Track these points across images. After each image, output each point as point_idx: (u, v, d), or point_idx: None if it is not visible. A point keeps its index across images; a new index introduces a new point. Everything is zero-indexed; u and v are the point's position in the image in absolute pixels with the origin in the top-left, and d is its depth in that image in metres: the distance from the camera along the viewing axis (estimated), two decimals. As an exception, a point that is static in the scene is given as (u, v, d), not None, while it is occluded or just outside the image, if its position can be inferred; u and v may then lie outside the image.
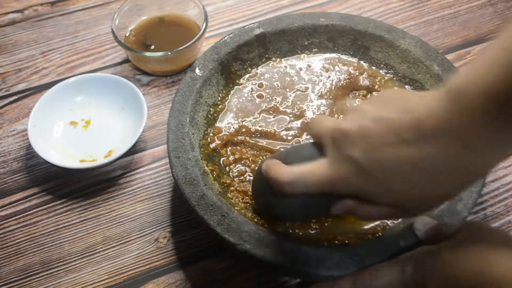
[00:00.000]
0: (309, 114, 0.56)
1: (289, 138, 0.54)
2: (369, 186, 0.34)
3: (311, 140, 0.41)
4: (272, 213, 0.45)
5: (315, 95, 0.58)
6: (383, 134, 0.33)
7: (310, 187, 0.37)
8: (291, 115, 0.56)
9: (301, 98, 0.58)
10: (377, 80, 0.59)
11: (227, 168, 0.52)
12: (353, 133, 0.34)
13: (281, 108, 0.57)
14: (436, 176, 0.32)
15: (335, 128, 0.36)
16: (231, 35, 0.59)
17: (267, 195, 0.42)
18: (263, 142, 0.54)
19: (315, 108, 0.57)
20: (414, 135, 0.31)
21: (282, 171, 0.38)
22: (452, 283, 0.34)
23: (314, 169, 0.37)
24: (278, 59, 0.61)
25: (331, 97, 0.58)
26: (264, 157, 0.52)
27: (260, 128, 0.55)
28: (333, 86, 0.59)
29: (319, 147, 0.39)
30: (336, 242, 0.46)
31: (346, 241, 0.46)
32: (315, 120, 0.41)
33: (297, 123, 0.55)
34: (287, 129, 0.55)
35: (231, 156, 0.53)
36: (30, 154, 0.61)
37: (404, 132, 0.32)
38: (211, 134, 0.54)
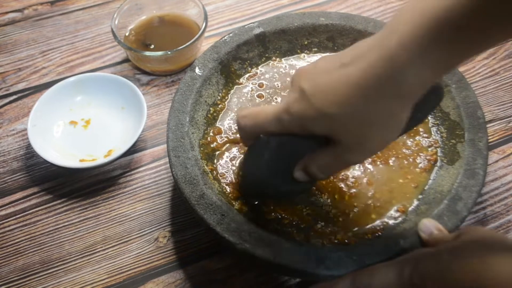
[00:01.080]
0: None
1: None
2: (312, 115, 0.36)
3: None
4: (245, 184, 0.48)
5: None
6: (328, 64, 0.36)
7: (261, 122, 0.40)
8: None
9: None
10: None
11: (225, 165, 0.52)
12: (305, 69, 0.38)
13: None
14: (367, 91, 0.34)
15: (296, 70, 0.39)
16: (230, 35, 0.59)
17: (245, 167, 0.45)
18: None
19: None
20: (350, 58, 0.35)
21: (244, 110, 0.43)
22: (450, 286, 0.34)
23: (268, 107, 0.41)
24: (278, 59, 0.61)
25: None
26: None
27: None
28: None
29: None
30: (336, 241, 0.46)
31: (346, 241, 0.46)
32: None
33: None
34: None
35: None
36: (29, 154, 0.61)
37: (344, 58, 0.35)
38: (211, 134, 0.54)
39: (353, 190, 0.50)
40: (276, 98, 0.58)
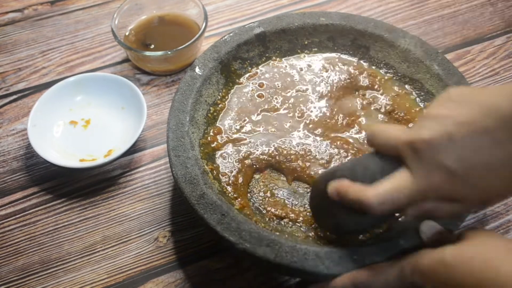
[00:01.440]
0: (309, 114, 0.56)
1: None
2: (462, 189, 0.35)
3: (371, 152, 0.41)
4: (344, 231, 0.44)
5: (316, 95, 0.58)
6: (473, 138, 0.33)
7: (399, 203, 0.36)
8: (291, 115, 0.56)
9: (302, 98, 0.58)
10: (377, 79, 0.59)
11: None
12: (439, 141, 0.34)
13: (281, 109, 0.57)
14: None
15: (415, 139, 0.36)
16: (231, 34, 0.59)
17: (338, 215, 0.41)
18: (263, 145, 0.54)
19: (315, 108, 0.57)
20: (506, 133, 0.32)
21: (365, 194, 0.37)
22: (453, 287, 0.34)
23: (400, 184, 0.36)
24: (278, 59, 0.61)
25: (331, 97, 0.58)
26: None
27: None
28: (334, 86, 0.59)
29: (386, 159, 0.39)
30: (335, 241, 0.46)
31: (346, 239, 0.46)
32: (378, 130, 0.40)
33: (297, 123, 0.55)
34: (288, 128, 0.55)
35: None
36: (29, 154, 0.61)
37: (494, 132, 0.32)
38: (211, 133, 0.54)
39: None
40: (276, 98, 0.58)
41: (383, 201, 0.36)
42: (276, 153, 0.52)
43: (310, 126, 0.55)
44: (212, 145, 0.53)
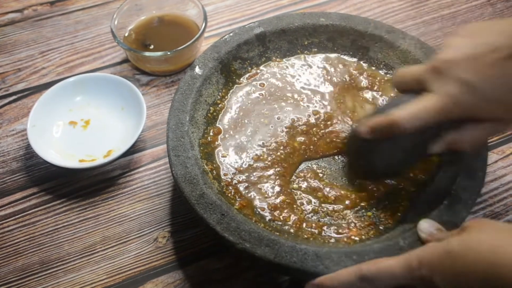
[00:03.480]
0: (309, 115, 0.56)
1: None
2: (481, 103, 0.39)
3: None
4: (378, 170, 0.48)
5: (315, 95, 0.58)
6: (489, 55, 0.38)
7: (427, 119, 0.40)
8: (291, 116, 0.56)
9: (301, 98, 0.58)
10: (376, 80, 0.59)
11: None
12: (458, 59, 0.39)
13: (281, 108, 0.57)
14: None
15: (437, 61, 0.40)
16: (231, 34, 0.59)
17: (372, 153, 0.46)
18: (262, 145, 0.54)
19: (315, 108, 0.57)
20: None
21: (393, 115, 0.41)
22: (461, 277, 0.34)
23: (424, 103, 0.40)
24: (278, 59, 0.61)
25: (331, 97, 0.58)
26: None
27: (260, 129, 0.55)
28: (333, 86, 0.59)
29: (412, 95, 0.42)
30: (334, 241, 0.46)
31: (345, 239, 0.46)
32: (403, 70, 0.44)
33: (298, 123, 0.55)
34: (287, 128, 0.55)
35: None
36: (29, 154, 0.61)
37: (505, 50, 0.37)
38: (211, 133, 0.54)
39: (352, 189, 0.50)
40: (276, 98, 0.58)
41: (411, 117, 0.40)
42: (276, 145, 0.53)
43: (308, 127, 0.55)
44: (212, 145, 0.53)
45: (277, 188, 0.50)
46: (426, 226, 0.42)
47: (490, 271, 0.32)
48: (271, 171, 0.51)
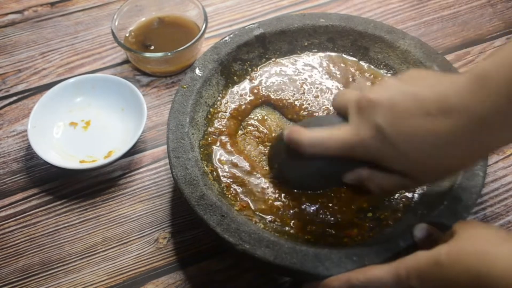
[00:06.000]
0: (309, 115, 0.56)
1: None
2: (388, 152, 0.38)
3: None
4: (286, 177, 0.48)
5: (316, 95, 0.58)
6: (409, 106, 0.36)
7: (329, 149, 0.40)
8: (290, 116, 0.56)
9: (301, 99, 0.58)
10: (377, 80, 0.59)
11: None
12: (380, 102, 0.38)
13: (281, 108, 0.57)
14: (453, 149, 0.35)
15: (363, 96, 0.39)
16: (231, 35, 0.59)
17: (285, 160, 0.47)
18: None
19: (315, 109, 0.57)
20: (438, 109, 0.35)
21: (304, 133, 0.41)
22: (449, 287, 0.34)
23: (335, 133, 0.40)
24: (278, 60, 0.61)
25: (331, 97, 0.58)
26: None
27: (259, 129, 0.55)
28: (333, 87, 0.59)
29: (340, 118, 0.42)
30: (333, 241, 0.46)
31: (345, 240, 0.46)
32: (340, 93, 0.44)
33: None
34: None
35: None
36: (30, 155, 0.61)
37: (429, 105, 0.35)
38: (211, 135, 0.54)
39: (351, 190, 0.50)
40: (276, 99, 0.58)
41: (314, 141, 0.41)
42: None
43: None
44: (212, 147, 0.53)
45: (277, 189, 0.50)
46: (419, 230, 0.42)
47: (477, 281, 0.32)
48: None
